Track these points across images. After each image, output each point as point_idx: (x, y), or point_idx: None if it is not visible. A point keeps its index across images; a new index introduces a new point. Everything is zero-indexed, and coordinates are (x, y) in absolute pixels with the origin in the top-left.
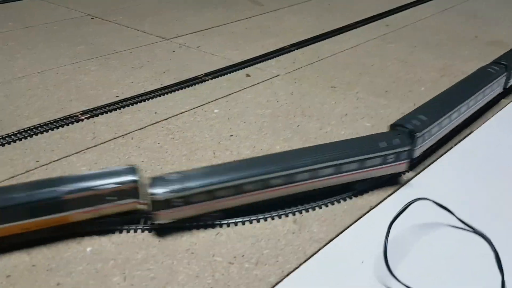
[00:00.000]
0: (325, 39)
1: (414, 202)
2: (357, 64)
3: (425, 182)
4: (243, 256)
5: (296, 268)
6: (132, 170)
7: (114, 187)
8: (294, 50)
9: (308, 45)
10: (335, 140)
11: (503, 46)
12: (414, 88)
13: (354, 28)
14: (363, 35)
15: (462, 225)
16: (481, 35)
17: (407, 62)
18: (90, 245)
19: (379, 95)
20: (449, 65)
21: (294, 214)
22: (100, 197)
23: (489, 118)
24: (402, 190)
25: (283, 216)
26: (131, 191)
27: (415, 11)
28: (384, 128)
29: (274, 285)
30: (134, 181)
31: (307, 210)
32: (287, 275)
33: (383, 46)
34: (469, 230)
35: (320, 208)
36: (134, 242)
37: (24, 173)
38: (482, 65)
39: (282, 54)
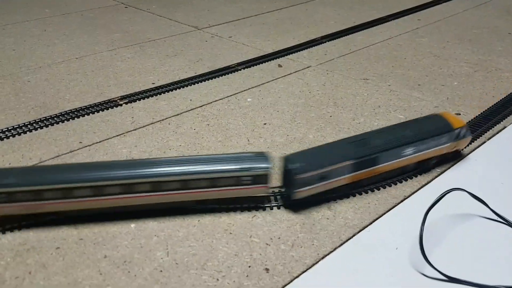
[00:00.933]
0: (357, 31)
1: (450, 192)
2: (389, 57)
3: (460, 173)
4: (279, 238)
5: (331, 251)
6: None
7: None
8: (325, 42)
9: (339, 37)
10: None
11: None
12: (448, 82)
13: (386, 22)
14: (395, 29)
15: (496, 217)
16: None
17: (440, 57)
18: (134, 222)
19: (412, 88)
20: (483, 60)
21: (328, 201)
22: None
23: None
24: (437, 180)
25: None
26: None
27: (448, 6)
28: None
29: (310, 267)
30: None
31: (341, 198)
32: (323, 257)
33: (415, 40)
34: (503, 222)
35: (354, 196)
36: (175, 221)
37: (68, 153)
38: None
39: (314, 46)
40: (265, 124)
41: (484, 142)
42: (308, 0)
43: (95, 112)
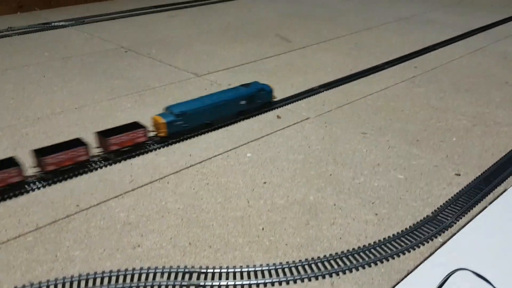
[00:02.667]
0: (354, 80)
1: (454, 273)
2: (387, 108)
3: (461, 246)
4: None
5: None
6: None
7: None
8: (323, 91)
9: (337, 86)
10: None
11: None
12: (446, 137)
13: (382, 69)
14: (392, 77)
15: None
16: None
17: (437, 108)
18: None
19: (411, 144)
20: (481, 113)
21: (331, 276)
22: None
23: None
24: (439, 253)
25: (320, 278)
26: None
27: (444, 52)
28: (417, 181)
29: None
30: None
31: (344, 272)
32: None
33: (412, 89)
34: None
35: (357, 270)
36: None
37: (65, 218)
38: None
39: (312, 95)
40: (265, 183)
41: (486, 207)
42: (305, 45)
43: (93, 170)
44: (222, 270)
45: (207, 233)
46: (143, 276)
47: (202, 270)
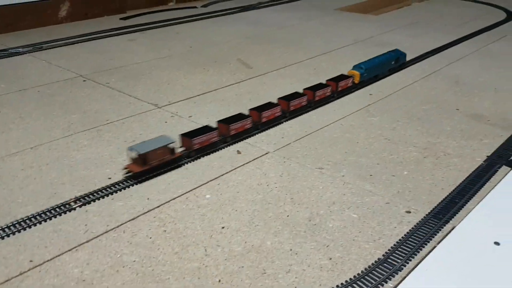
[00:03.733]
0: (312, 109)
1: None
2: (342, 140)
3: None
4: None
5: None
6: None
7: None
8: (283, 122)
9: (296, 116)
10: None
11: (484, 121)
12: (398, 171)
13: (340, 97)
14: (348, 106)
15: None
16: (462, 107)
17: (390, 140)
18: None
19: (364, 179)
20: (432, 143)
21: None
22: None
23: (471, 210)
24: None
25: None
26: None
27: (398, 77)
28: (370, 220)
29: None
30: None
31: None
32: None
33: (367, 119)
34: None
35: None
36: None
37: (18, 275)
38: (464, 144)
39: (272, 127)
40: (223, 227)
41: (435, 247)
42: (265, 71)
43: (47, 220)
44: None
45: None
46: None
47: None
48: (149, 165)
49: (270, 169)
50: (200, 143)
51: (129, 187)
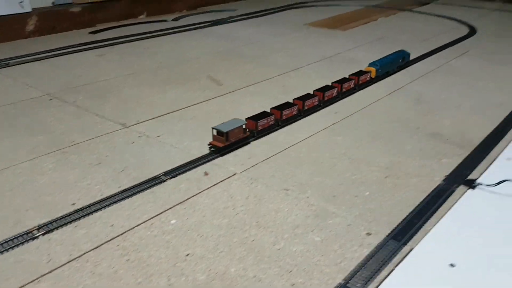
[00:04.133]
0: (280, 128)
1: None
2: (308, 160)
3: None
4: None
5: None
6: None
7: None
8: (250, 141)
9: (264, 135)
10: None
11: (443, 140)
12: (360, 191)
13: (306, 115)
14: (315, 124)
15: None
16: (423, 125)
17: (354, 159)
18: None
19: (328, 200)
20: (393, 163)
21: None
22: None
23: (428, 231)
24: None
25: None
26: None
27: (364, 95)
28: (332, 243)
29: None
30: None
31: None
32: None
33: (332, 138)
34: None
35: None
36: None
37: None
38: (423, 164)
39: (240, 147)
40: (187, 255)
41: (393, 270)
42: (235, 88)
43: (10, 249)
44: None
45: None
46: None
47: None
48: (229, 141)
49: (237, 191)
50: (262, 125)
51: (92, 213)
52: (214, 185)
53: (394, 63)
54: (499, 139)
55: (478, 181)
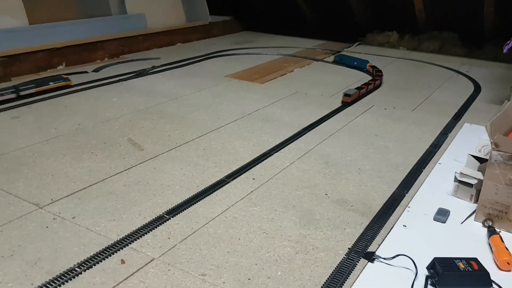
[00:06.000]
0: (198, 200)
1: None
2: (225, 237)
3: None
4: None
5: None
6: None
7: None
8: (169, 219)
9: (183, 210)
10: None
11: (347, 207)
12: (273, 272)
13: (225, 184)
14: (233, 194)
15: None
16: (331, 191)
17: (268, 233)
18: None
19: (242, 285)
20: (303, 236)
21: None
22: None
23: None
24: None
25: None
26: None
27: (278, 158)
28: None
29: None
30: None
31: None
32: None
33: (249, 209)
34: None
35: None
36: None
37: None
38: (330, 235)
39: (158, 226)
40: None
41: None
42: (156, 154)
43: None
44: None
45: None
46: None
47: None
48: (352, 98)
49: (154, 281)
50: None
51: None
52: (131, 275)
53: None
54: (396, 205)
55: (376, 253)
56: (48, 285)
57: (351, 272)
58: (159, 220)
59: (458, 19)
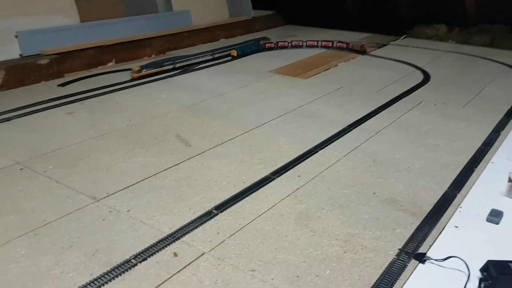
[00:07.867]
0: (245, 197)
1: None
2: (273, 234)
3: None
4: None
5: None
6: None
7: None
8: (218, 214)
9: (230, 205)
10: None
11: (397, 206)
12: (321, 270)
13: (271, 181)
14: (279, 191)
15: None
16: (379, 190)
17: (315, 232)
18: None
19: (292, 282)
20: (351, 235)
21: None
22: None
23: None
24: None
25: None
26: None
27: (323, 155)
28: None
29: None
30: None
31: None
32: None
33: (295, 207)
34: None
35: None
36: None
37: None
38: (379, 235)
39: (207, 221)
40: None
41: None
42: (203, 150)
43: None
44: None
45: None
46: None
47: None
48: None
49: (206, 275)
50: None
51: None
52: (183, 268)
53: (249, 49)
54: (448, 205)
55: (428, 254)
56: (106, 275)
57: (401, 273)
58: (208, 215)
59: (511, 12)
